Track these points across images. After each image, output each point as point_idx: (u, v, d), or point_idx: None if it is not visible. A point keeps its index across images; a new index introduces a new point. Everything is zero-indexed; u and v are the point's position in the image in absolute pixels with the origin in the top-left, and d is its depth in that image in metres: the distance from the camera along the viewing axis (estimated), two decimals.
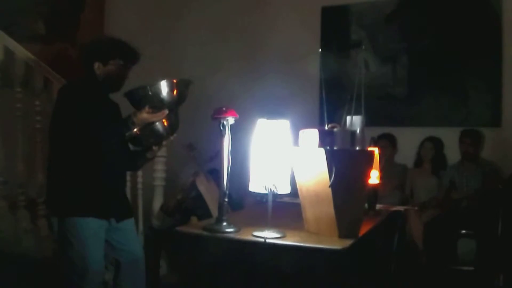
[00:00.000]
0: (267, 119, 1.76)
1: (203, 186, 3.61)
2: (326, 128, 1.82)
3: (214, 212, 3.01)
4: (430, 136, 4.11)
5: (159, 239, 3.43)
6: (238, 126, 1.93)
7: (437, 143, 4.09)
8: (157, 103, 2.09)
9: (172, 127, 2.25)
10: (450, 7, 4.15)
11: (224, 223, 1.81)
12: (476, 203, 3.75)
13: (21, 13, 4.27)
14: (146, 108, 2.08)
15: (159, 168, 3.56)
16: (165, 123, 2.20)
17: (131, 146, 2.34)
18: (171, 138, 2.29)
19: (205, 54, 4.66)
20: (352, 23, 4.53)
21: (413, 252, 3.57)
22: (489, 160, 3.93)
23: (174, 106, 2.15)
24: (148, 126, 2.16)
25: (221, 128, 1.88)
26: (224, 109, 1.91)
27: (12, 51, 3.15)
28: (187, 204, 3.63)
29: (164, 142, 2.31)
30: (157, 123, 2.17)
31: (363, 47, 4.42)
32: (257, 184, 1.73)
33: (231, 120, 1.89)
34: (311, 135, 1.77)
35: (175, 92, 2.10)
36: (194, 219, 3.27)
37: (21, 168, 3.17)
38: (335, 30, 4.57)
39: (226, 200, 1.85)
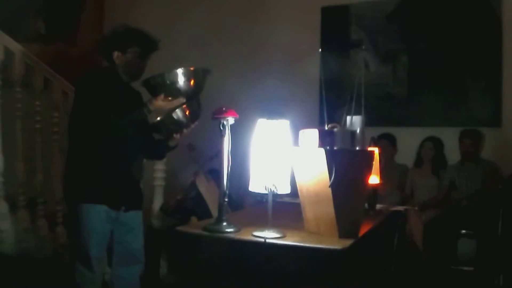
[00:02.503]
0: (267, 119, 1.76)
1: (203, 186, 3.61)
2: (326, 128, 1.82)
3: (214, 212, 3.01)
4: (430, 136, 4.11)
5: (159, 239, 3.43)
6: (238, 126, 1.93)
7: (437, 143, 4.08)
8: (174, 91, 2.08)
9: (193, 115, 2.25)
10: (450, 7, 4.15)
11: (224, 223, 1.81)
12: (476, 203, 3.75)
13: (21, 13, 4.27)
14: (162, 96, 2.09)
15: (159, 168, 3.56)
16: (186, 111, 2.20)
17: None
18: (192, 126, 2.29)
19: (205, 54, 4.66)
20: (352, 23, 4.52)
21: (413, 252, 3.56)
22: (489, 160, 3.93)
23: (191, 94, 2.13)
24: (169, 114, 2.16)
25: (221, 128, 1.88)
26: (224, 109, 1.92)
27: (12, 51, 3.15)
28: (187, 204, 3.63)
29: (185, 130, 2.30)
30: (177, 111, 2.18)
31: (363, 47, 4.42)
32: (257, 184, 1.73)
33: (231, 120, 1.89)
34: (311, 135, 1.77)
35: (192, 80, 2.10)
36: (194, 219, 3.27)
37: (21, 168, 3.17)
38: (335, 30, 4.57)
39: (226, 200, 1.85)
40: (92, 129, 2.15)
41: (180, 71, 2.07)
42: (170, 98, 2.09)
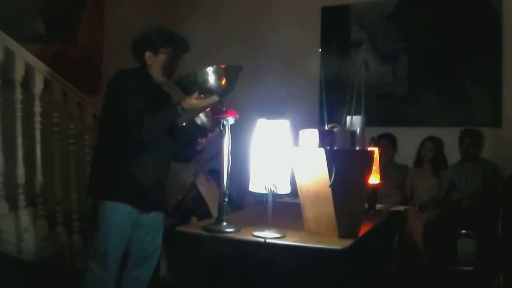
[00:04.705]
0: (267, 119, 1.76)
1: (203, 186, 3.61)
2: (326, 128, 1.82)
3: (214, 212, 3.01)
4: (430, 136, 4.11)
5: None
6: (238, 126, 1.93)
7: (437, 143, 4.09)
8: (206, 89, 2.05)
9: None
10: (450, 7, 4.15)
11: (224, 223, 1.81)
12: (476, 203, 3.75)
13: (21, 13, 4.27)
14: (196, 94, 2.06)
15: None
16: (210, 115, 2.18)
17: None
18: (217, 130, 2.27)
19: (206, 54, 4.64)
20: (352, 23, 4.53)
21: (413, 252, 3.56)
22: (489, 160, 3.93)
23: (223, 93, 2.09)
24: (192, 119, 2.16)
25: (221, 128, 1.88)
26: (224, 109, 1.92)
27: (12, 51, 3.15)
28: (187, 204, 3.63)
29: (211, 134, 2.29)
30: (201, 116, 2.18)
31: (363, 47, 4.42)
32: (257, 184, 1.73)
33: (231, 120, 1.89)
34: (311, 135, 1.77)
35: (224, 78, 2.06)
36: (194, 219, 3.28)
37: (21, 168, 3.17)
38: (335, 30, 4.57)
39: (226, 200, 1.85)
40: (123, 128, 2.15)
41: (212, 69, 2.03)
42: (203, 96, 2.06)
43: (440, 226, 3.66)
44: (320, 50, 4.41)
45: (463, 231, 3.64)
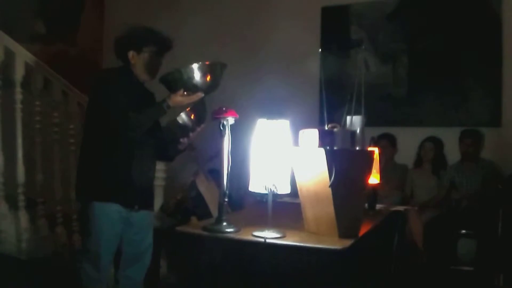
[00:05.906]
0: (267, 119, 1.76)
1: (203, 186, 3.60)
2: (326, 128, 1.82)
3: (214, 212, 3.01)
4: (430, 136, 4.11)
5: (159, 239, 3.43)
6: (238, 126, 1.93)
7: (437, 143, 4.08)
8: (191, 87, 2.06)
9: (199, 118, 2.26)
10: (450, 7, 4.15)
11: (224, 223, 1.81)
12: (476, 203, 3.75)
13: (21, 13, 4.27)
14: (181, 91, 2.07)
15: (159, 168, 3.54)
16: (192, 115, 2.20)
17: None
18: (198, 129, 2.28)
19: (205, 54, 4.63)
20: (352, 23, 4.53)
21: (413, 252, 3.57)
22: (489, 160, 3.93)
23: (208, 90, 2.11)
24: (174, 119, 2.17)
25: (221, 128, 1.88)
26: (224, 109, 1.92)
27: (12, 51, 3.15)
28: (187, 204, 3.62)
29: (192, 134, 2.29)
30: (182, 115, 2.19)
31: (363, 47, 4.42)
32: (257, 184, 1.73)
33: (231, 120, 1.89)
34: (311, 135, 1.77)
35: (209, 75, 2.08)
36: (194, 219, 3.27)
37: (21, 168, 3.17)
38: (335, 30, 4.57)
39: (226, 200, 1.85)
40: (109, 128, 2.15)
41: (197, 66, 2.05)
42: (188, 93, 2.07)
43: (440, 226, 3.66)
44: (320, 50, 4.41)
45: (463, 231, 3.64)
